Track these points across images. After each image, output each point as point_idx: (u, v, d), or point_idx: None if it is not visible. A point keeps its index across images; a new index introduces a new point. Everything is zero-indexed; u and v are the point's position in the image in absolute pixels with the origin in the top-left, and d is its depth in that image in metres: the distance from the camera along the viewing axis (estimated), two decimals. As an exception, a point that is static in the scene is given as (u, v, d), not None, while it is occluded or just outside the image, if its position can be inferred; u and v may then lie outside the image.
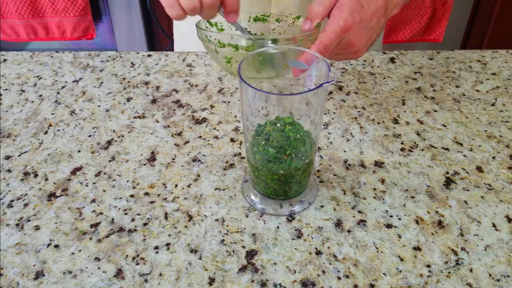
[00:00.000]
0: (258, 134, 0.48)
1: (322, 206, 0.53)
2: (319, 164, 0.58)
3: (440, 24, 1.59)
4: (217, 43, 0.56)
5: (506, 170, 0.57)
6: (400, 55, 0.80)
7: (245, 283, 0.45)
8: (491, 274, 0.46)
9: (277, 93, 0.55)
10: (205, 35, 0.57)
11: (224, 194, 0.54)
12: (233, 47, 0.55)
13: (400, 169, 0.57)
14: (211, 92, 0.71)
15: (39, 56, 0.80)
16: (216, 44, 0.56)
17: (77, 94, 0.71)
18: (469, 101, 0.69)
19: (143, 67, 0.77)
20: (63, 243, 0.49)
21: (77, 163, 0.59)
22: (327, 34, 0.52)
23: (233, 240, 0.49)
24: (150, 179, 0.56)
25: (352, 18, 0.53)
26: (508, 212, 0.52)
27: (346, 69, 0.76)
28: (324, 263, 0.47)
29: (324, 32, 0.53)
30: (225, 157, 0.59)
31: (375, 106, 0.68)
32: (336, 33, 0.52)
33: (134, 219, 0.51)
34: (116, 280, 0.45)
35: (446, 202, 0.53)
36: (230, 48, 0.55)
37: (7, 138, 0.63)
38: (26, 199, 0.54)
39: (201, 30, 0.57)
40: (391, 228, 0.50)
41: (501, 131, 0.63)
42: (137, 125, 0.65)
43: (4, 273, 0.46)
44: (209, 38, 0.56)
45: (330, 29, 0.53)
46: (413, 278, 0.45)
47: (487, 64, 0.77)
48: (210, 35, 0.56)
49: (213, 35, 0.56)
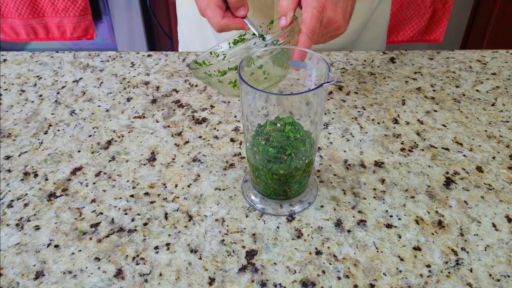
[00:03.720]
0: (258, 134, 0.48)
1: (322, 206, 0.53)
2: (319, 164, 0.58)
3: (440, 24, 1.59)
4: (217, 73, 0.55)
5: (506, 170, 0.57)
6: (400, 55, 0.80)
7: (245, 283, 0.45)
8: (491, 274, 0.46)
9: (277, 93, 0.55)
10: (204, 72, 0.56)
11: (224, 194, 0.54)
12: (234, 70, 0.54)
13: (400, 169, 0.57)
14: (211, 92, 0.71)
15: (39, 56, 0.80)
16: (217, 75, 0.55)
17: (77, 94, 0.71)
18: (469, 101, 0.69)
19: (143, 67, 0.77)
20: (63, 243, 0.49)
21: (77, 163, 0.59)
22: (307, 19, 0.54)
23: (233, 240, 0.49)
24: (150, 179, 0.56)
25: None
26: (508, 212, 0.52)
27: (346, 69, 0.76)
28: (324, 263, 0.47)
29: (304, 20, 0.54)
30: (225, 157, 0.59)
31: (375, 106, 0.68)
32: (314, 15, 0.54)
33: (134, 219, 0.51)
34: (116, 280, 0.45)
35: (446, 202, 0.53)
36: (232, 71, 0.54)
37: (7, 138, 0.63)
38: (26, 199, 0.54)
39: (197, 70, 0.57)
40: (391, 228, 0.50)
41: (501, 131, 0.63)
42: (137, 125, 0.65)
43: (4, 273, 0.46)
44: (209, 73, 0.56)
45: (308, 14, 0.54)
46: (413, 278, 0.45)
47: (487, 64, 0.77)
48: (209, 70, 0.55)
49: (211, 68, 0.55)
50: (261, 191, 0.52)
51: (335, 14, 0.56)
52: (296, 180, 0.50)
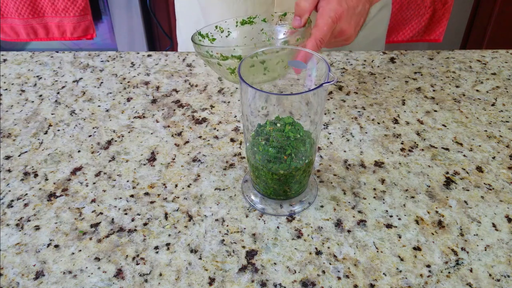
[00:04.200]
0: (258, 134, 0.48)
1: (322, 206, 0.53)
2: (319, 164, 0.58)
3: (440, 24, 1.59)
4: (219, 56, 0.55)
5: (506, 170, 0.57)
6: (400, 55, 0.80)
7: (245, 283, 0.45)
8: (491, 274, 0.46)
9: (277, 93, 0.55)
10: (206, 51, 0.55)
11: (224, 194, 0.54)
12: (236, 58, 0.54)
13: (400, 169, 0.57)
14: (211, 92, 0.71)
15: (39, 56, 0.80)
16: (219, 58, 0.55)
17: (77, 94, 0.71)
18: (469, 101, 0.69)
19: (143, 67, 0.77)
20: (63, 243, 0.49)
21: (77, 163, 0.59)
22: (320, 27, 0.53)
23: (233, 240, 0.49)
24: (150, 179, 0.56)
25: (341, 7, 0.54)
26: (508, 212, 0.52)
27: (346, 69, 0.76)
28: (324, 263, 0.47)
29: (317, 26, 0.54)
30: (225, 157, 0.59)
31: (375, 106, 0.68)
32: (328, 24, 0.53)
33: (134, 219, 0.51)
34: (116, 280, 0.45)
35: (446, 202, 0.53)
36: (234, 59, 0.54)
37: (7, 138, 0.63)
38: (26, 199, 0.54)
39: (200, 46, 0.56)
40: (391, 228, 0.50)
41: (501, 131, 0.63)
42: (137, 125, 0.65)
43: (4, 273, 0.46)
44: (211, 53, 0.55)
45: (322, 21, 0.53)
46: (413, 278, 0.45)
47: (487, 64, 0.77)
48: (211, 50, 0.55)
49: (214, 50, 0.54)
50: (261, 191, 0.52)
51: (348, 26, 0.56)
52: (296, 180, 0.50)
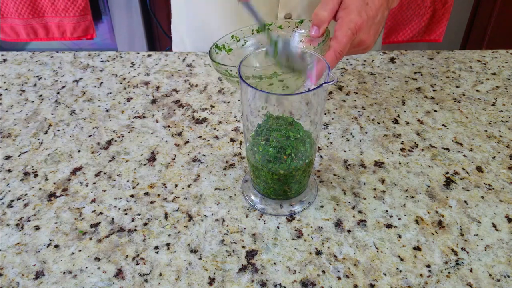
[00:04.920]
0: (258, 134, 0.48)
1: (322, 206, 0.53)
2: (319, 164, 0.58)
3: (440, 24, 1.59)
4: None
5: (506, 170, 0.57)
6: (400, 55, 0.80)
7: (245, 283, 0.45)
8: (491, 274, 0.46)
9: (277, 93, 0.55)
10: (225, 70, 0.53)
11: (224, 194, 0.54)
12: (257, 78, 0.52)
13: (400, 169, 0.57)
14: (211, 92, 0.71)
15: (39, 56, 0.80)
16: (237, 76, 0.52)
17: (77, 94, 0.71)
18: (469, 101, 0.69)
19: (143, 67, 0.77)
20: (63, 243, 0.49)
21: (77, 163, 0.59)
22: (340, 39, 0.52)
23: (233, 240, 0.49)
24: (150, 179, 0.56)
25: (360, 18, 0.52)
26: (508, 212, 0.52)
27: (346, 69, 0.76)
28: (324, 263, 0.47)
29: (336, 37, 0.52)
30: (225, 157, 0.59)
31: (375, 106, 0.68)
32: (347, 36, 0.52)
33: (134, 219, 0.51)
34: (116, 280, 0.45)
35: (446, 202, 0.53)
36: (255, 79, 0.52)
37: (7, 138, 0.63)
38: (26, 199, 0.54)
39: (219, 65, 0.54)
40: (391, 228, 0.50)
41: (501, 131, 0.63)
42: (137, 125, 0.65)
43: (4, 273, 0.46)
44: (230, 72, 0.53)
45: (341, 33, 0.52)
46: (413, 278, 0.45)
47: (487, 64, 0.77)
48: (231, 69, 0.53)
49: (233, 70, 0.52)
50: (261, 191, 0.52)
51: (367, 37, 0.54)
52: (296, 180, 0.50)
